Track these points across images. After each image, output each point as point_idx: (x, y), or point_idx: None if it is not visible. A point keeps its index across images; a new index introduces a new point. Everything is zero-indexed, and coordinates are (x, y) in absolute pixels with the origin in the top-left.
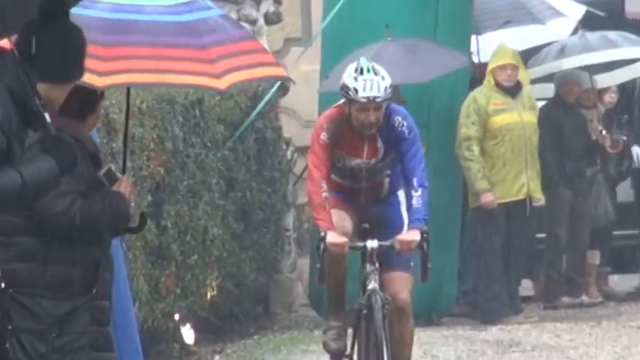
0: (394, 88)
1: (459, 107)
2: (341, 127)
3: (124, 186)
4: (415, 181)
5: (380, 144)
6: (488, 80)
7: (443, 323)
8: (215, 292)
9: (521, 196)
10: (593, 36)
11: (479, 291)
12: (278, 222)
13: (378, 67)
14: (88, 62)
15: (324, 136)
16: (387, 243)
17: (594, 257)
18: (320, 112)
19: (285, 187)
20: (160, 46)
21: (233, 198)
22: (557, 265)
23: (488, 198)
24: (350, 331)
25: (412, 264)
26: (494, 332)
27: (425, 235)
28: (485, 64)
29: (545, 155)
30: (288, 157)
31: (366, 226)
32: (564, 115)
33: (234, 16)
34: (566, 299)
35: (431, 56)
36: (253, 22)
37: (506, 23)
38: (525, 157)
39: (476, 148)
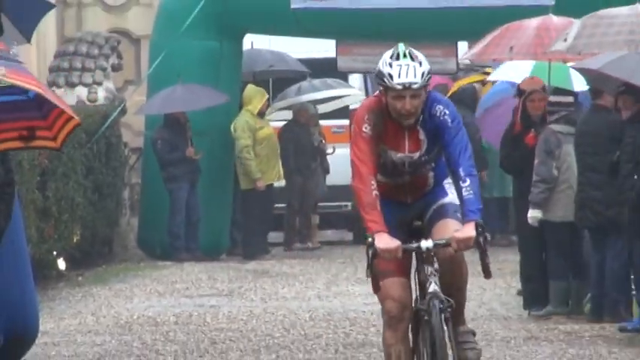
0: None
1: (230, 123)
2: (381, 117)
3: None
4: (462, 171)
5: (422, 136)
6: (253, 109)
7: (221, 259)
8: (79, 238)
9: (275, 179)
10: (316, 81)
11: (245, 238)
12: (118, 195)
13: (416, 53)
14: None
15: (366, 128)
16: (442, 242)
17: (315, 219)
18: (147, 126)
19: (122, 173)
20: None
21: (91, 179)
22: (293, 222)
23: (261, 183)
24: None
25: (459, 214)
26: (253, 264)
27: (480, 229)
28: None
29: (287, 155)
30: (125, 154)
31: (418, 223)
32: (298, 130)
33: (92, 65)
34: (298, 244)
35: (205, 94)
36: (104, 69)
37: (271, 66)
38: (277, 155)
39: (252, 152)
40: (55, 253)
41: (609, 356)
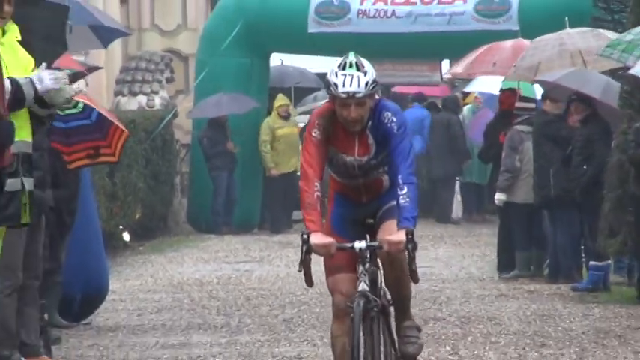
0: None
1: (259, 125)
2: (332, 122)
3: None
4: (400, 179)
5: (371, 140)
6: (275, 111)
7: (254, 233)
8: (140, 215)
9: (292, 169)
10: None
11: (272, 216)
12: (172, 181)
13: (363, 62)
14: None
15: (315, 132)
16: (375, 243)
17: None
18: (194, 126)
19: (175, 163)
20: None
21: (150, 169)
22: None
23: (274, 172)
24: None
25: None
26: (279, 237)
27: (410, 236)
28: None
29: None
30: (177, 148)
31: (371, 221)
32: None
33: (150, 78)
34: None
35: (243, 101)
36: (160, 81)
37: (297, 83)
38: (296, 149)
39: (268, 147)
40: (121, 227)
41: (564, 310)
